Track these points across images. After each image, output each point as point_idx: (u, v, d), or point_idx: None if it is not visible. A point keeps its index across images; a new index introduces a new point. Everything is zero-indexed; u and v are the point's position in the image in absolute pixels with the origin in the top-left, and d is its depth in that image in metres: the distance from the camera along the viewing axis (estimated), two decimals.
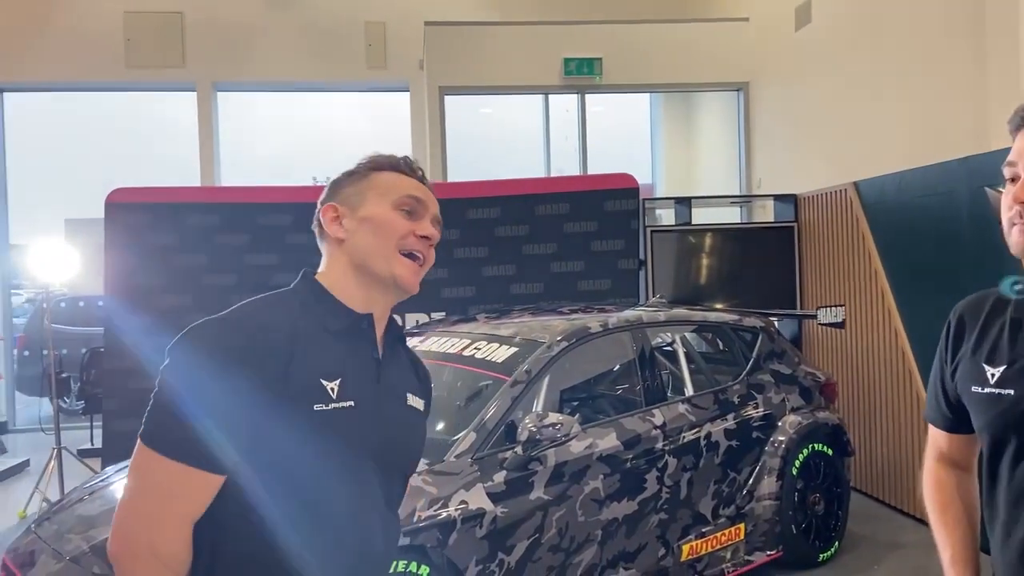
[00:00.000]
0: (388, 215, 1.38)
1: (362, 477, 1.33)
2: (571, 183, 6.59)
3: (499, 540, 3.21)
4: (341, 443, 1.28)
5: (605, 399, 4.21)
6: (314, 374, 1.27)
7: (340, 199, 1.42)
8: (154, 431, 1.20)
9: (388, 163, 1.44)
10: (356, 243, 1.38)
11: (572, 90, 8.86)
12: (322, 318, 1.34)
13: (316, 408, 1.25)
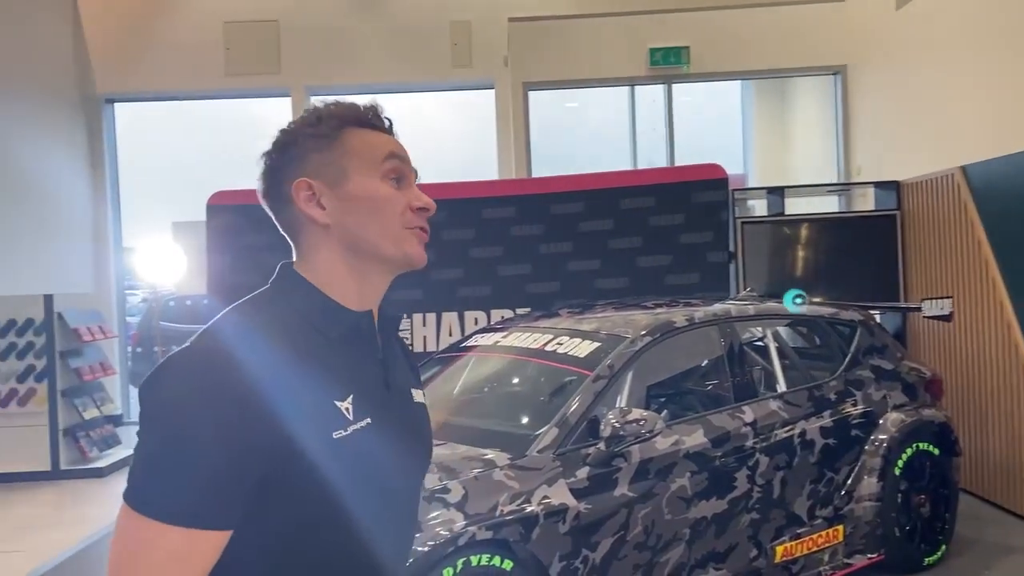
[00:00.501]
0: (381, 190, 1.17)
1: (390, 498, 1.17)
2: (657, 175, 6.47)
3: (583, 536, 3.17)
4: (366, 468, 1.11)
5: (691, 395, 4.10)
6: (326, 396, 1.08)
7: (311, 171, 1.17)
8: (145, 492, 0.98)
9: (355, 116, 1.20)
10: (350, 228, 1.16)
11: (658, 80, 8.71)
12: (320, 325, 1.13)
13: (336, 436, 1.07)
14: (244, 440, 0.98)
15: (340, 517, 1.07)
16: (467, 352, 4.27)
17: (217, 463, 0.97)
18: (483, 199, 6.18)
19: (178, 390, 1.00)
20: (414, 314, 6.05)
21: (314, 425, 1.05)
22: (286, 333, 1.09)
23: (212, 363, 1.02)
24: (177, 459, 0.97)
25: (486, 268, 6.09)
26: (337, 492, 1.05)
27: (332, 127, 1.18)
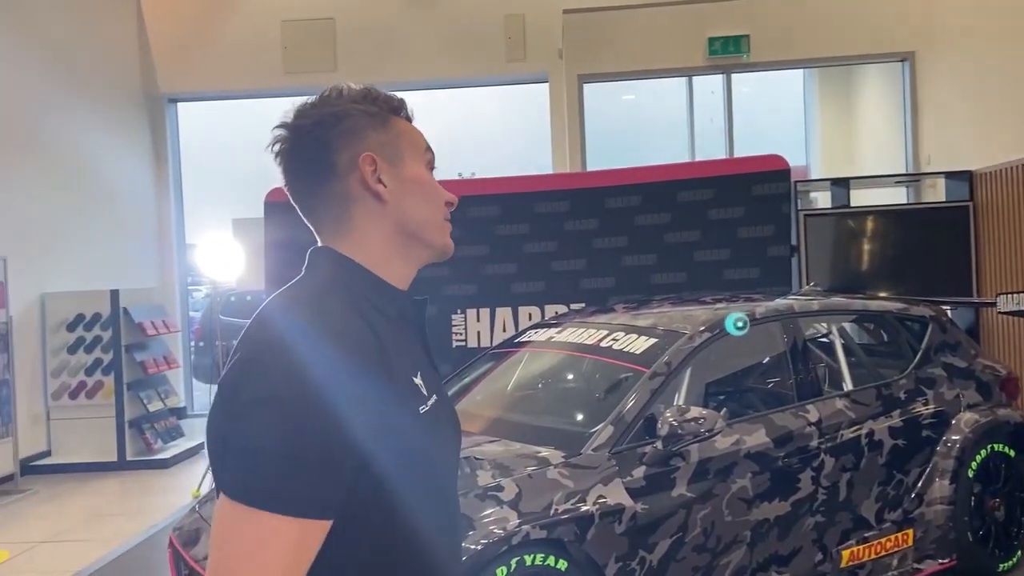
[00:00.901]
0: (430, 178, 1.21)
1: (452, 473, 1.20)
2: (715, 167, 6.31)
3: (640, 537, 3.09)
4: (442, 444, 1.14)
5: (753, 394, 3.98)
6: (406, 372, 1.08)
7: (372, 147, 1.15)
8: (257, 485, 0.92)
9: (395, 105, 1.21)
10: (405, 209, 1.16)
11: (717, 70, 8.52)
12: (379, 304, 1.12)
13: (421, 411, 1.07)
14: (347, 424, 0.95)
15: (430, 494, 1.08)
16: (521, 348, 4.22)
17: (326, 450, 0.93)
18: (536, 193, 6.11)
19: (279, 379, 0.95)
20: (467, 309, 6.02)
21: (406, 401, 1.05)
22: (358, 314, 1.06)
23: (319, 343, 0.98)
24: (287, 449, 0.92)
25: (540, 263, 6.03)
26: (429, 468, 1.07)
27: (383, 109, 1.19)
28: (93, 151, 8.41)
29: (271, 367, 0.97)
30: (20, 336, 7.08)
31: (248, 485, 0.93)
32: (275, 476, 0.92)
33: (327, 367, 0.96)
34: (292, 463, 0.92)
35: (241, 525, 0.92)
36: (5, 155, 7.17)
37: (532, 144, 9.61)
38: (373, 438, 0.98)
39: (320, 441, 0.94)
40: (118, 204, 8.90)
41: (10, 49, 7.34)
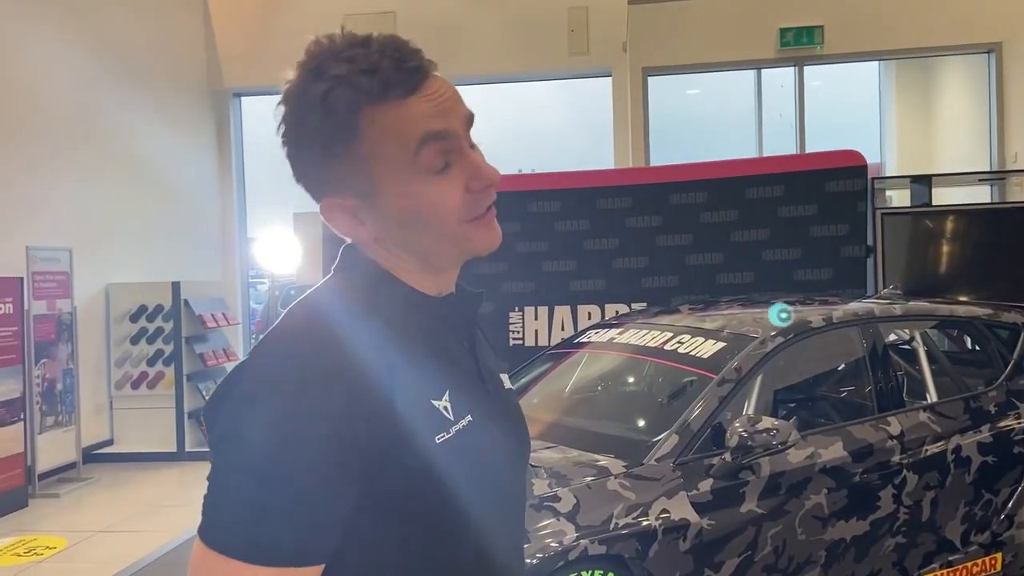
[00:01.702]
0: (423, 194, 0.92)
1: (500, 498, 1.01)
2: (786, 163, 6.03)
3: (706, 555, 2.89)
4: (475, 470, 0.95)
5: (829, 404, 3.73)
6: (421, 397, 0.92)
7: (336, 185, 0.94)
8: (224, 527, 0.82)
9: (369, 87, 0.89)
10: (400, 240, 0.96)
11: (788, 63, 8.19)
12: (402, 318, 0.96)
13: (439, 440, 0.91)
14: (336, 462, 0.83)
15: (450, 529, 0.92)
16: (580, 348, 4.05)
17: (309, 490, 0.82)
18: (598, 189, 5.93)
19: (263, 408, 0.83)
20: (525, 307, 5.88)
21: (415, 431, 0.89)
22: (368, 331, 0.91)
23: (302, 372, 0.85)
24: (262, 488, 0.81)
25: (600, 261, 5.85)
26: (446, 503, 0.91)
27: (344, 116, 0.90)
28: (158, 145, 8.52)
29: (241, 402, 0.86)
30: (85, 326, 7.19)
31: (214, 526, 0.83)
32: (241, 520, 0.81)
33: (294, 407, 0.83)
34: (258, 508, 0.81)
35: (204, 564, 0.83)
36: (73, 149, 7.29)
37: (594, 139, 9.40)
38: (368, 477, 0.86)
39: (291, 485, 0.81)
40: (182, 197, 9.01)
41: (78, 47, 7.46)
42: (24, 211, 6.63)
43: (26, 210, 6.66)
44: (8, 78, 6.53)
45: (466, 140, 0.95)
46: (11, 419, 5.91)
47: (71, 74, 7.33)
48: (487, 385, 1.03)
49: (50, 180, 6.97)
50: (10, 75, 6.56)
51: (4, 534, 5.31)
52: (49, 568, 4.71)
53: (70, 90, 7.30)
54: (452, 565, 0.94)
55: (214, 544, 0.82)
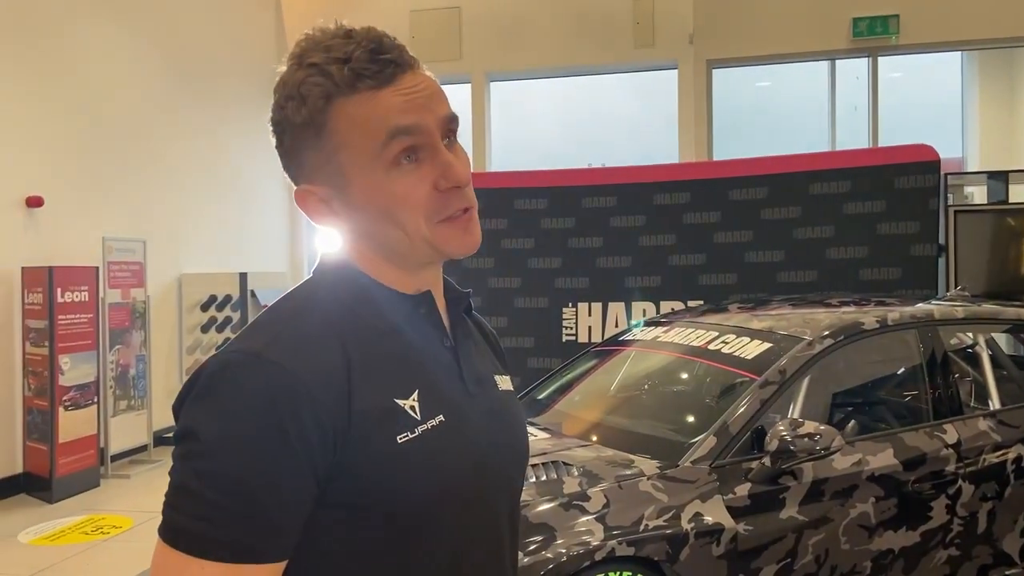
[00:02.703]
0: (388, 187, 0.92)
1: (478, 504, 0.98)
2: (853, 157, 5.83)
3: (741, 562, 2.82)
4: (443, 472, 0.93)
5: (880, 409, 3.59)
6: (383, 395, 0.90)
7: (310, 174, 0.95)
8: (177, 523, 0.83)
9: (340, 79, 0.90)
10: (371, 234, 0.96)
11: (862, 53, 7.90)
12: (370, 316, 0.95)
13: (400, 440, 0.89)
14: (295, 460, 0.84)
15: (415, 531, 0.91)
16: (624, 347, 4.00)
17: (258, 487, 0.83)
18: (655, 184, 5.85)
19: (217, 409, 0.84)
20: (579, 303, 5.85)
21: (374, 430, 0.88)
22: (332, 327, 0.91)
23: (255, 372, 0.85)
24: (214, 486, 0.82)
25: (656, 257, 5.77)
26: (410, 503, 0.89)
27: (317, 106, 0.91)
28: (229, 140, 8.78)
29: (195, 400, 0.87)
30: (158, 315, 7.48)
31: (170, 523, 0.84)
32: (196, 517, 0.82)
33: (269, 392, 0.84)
34: (212, 505, 0.82)
35: (162, 560, 0.84)
36: (148, 145, 7.57)
37: (659, 133, 9.27)
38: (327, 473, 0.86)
39: (240, 483, 0.82)
40: (251, 190, 9.27)
41: (153, 47, 7.75)
42: (101, 204, 6.93)
43: (103, 203, 6.96)
44: (87, 78, 6.83)
45: (440, 139, 0.94)
46: (86, 402, 6.19)
47: (146, 73, 7.62)
48: (468, 386, 1.01)
49: (126, 174, 7.27)
50: (89, 75, 6.86)
51: (76, 512, 5.58)
52: (112, 546, 4.92)
53: (145, 88, 7.59)
54: (421, 568, 0.92)
55: (172, 541, 0.83)
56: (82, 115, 6.76)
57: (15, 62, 6.12)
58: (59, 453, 5.87)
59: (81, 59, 6.77)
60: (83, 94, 6.78)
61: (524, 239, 5.96)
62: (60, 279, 5.94)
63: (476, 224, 0.97)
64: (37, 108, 6.31)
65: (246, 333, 0.92)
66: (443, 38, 9.54)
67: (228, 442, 0.83)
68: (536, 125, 10.11)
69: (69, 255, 6.39)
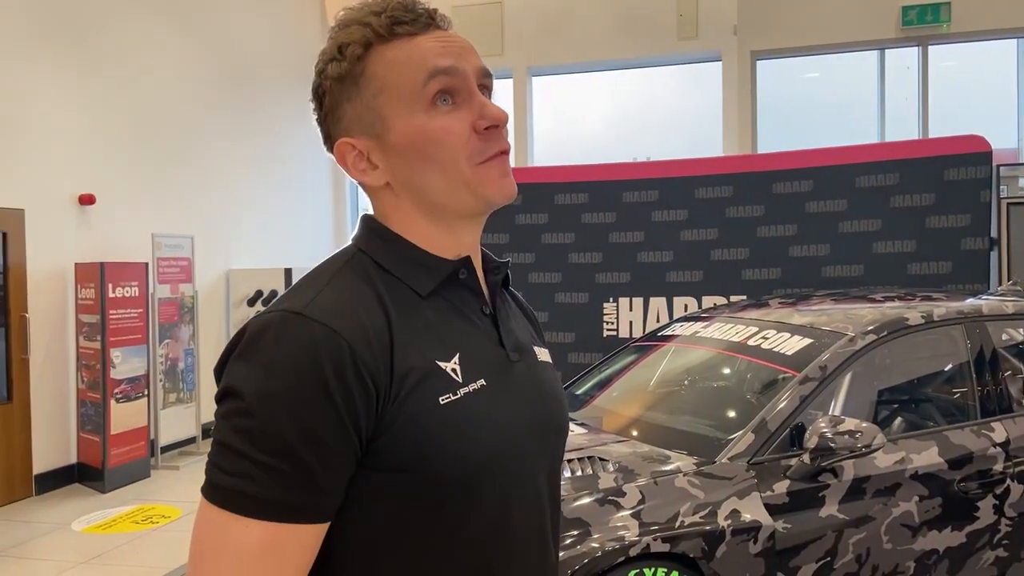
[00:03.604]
0: (429, 126, 0.93)
1: (519, 469, 0.97)
2: (901, 149, 5.69)
3: (779, 560, 2.79)
4: (486, 435, 0.93)
5: (925, 406, 3.51)
6: (425, 357, 0.91)
7: (349, 126, 0.97)
8: (220, 481, 0.84)
9: (378, 27, 0.94)
10: (412, 183, 0.96)
11: (912, 43, 7.72)
12: (411, 279, 0.96)
13: (443, 400, 0.90)
14: (339, 420, 0.83)
15: (457, 494, 0.90)
16: (663, 343, 3.97)
17: (307, 442, 0.83)
18: (697, 178, 5.79)
19: (259, 366, 0.84)
20: (620, 298, 5.82)
21: (416, 390, 0.88)
22: (372, 288, 0.93)
23: (297, 329, 0.85)
24: (257, 442, 0.82)
25: (698, 251, 5.72)
26: (451, 465, 0.89)
27: (355, 56, 0.94)
28: (274, 137, 8.92)
29: (237, 359, 0.87)
30: (206, 309, 7.64)
31: (213, 482, 0.84)
32: (238, 476, 0.82)
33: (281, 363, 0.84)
34: (253, 465, 0.82)
35: (205, 516, 0.85)
36: (195, 143, 7.74)
37: (703, 126, 9.16)
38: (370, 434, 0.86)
39: (281, 442, 0.82)
40: (296, 188, 9.41)
41: (200, 45, 7.91)
42: (151, 201, 7.11)
43: (153, 200, 7.13)
44: (136, 78, 7.00)
45: (476, 84, 0.96)
46: (136, 395, 6.36)
47: (194, 72, 7.78)
48: (508, 352, 1.01)
49: (175, 172, 7.43)
50: (138, 74, 7.03)
51: (127, 502, 5.74)
52: (161, 536, 5.05)
53: (193, 87, 7.75)
54: (462, 533, 0.92)
55: (214, 499, 0.83)
56: (132, 115, 6.93)
57: (67, 64, 6.31)
58: (111, 444, 6.05)
59: (130, 59, 6.94)
60: (133, 94, 6.95)
61: (565, 234, 5.95)
62: (111, 275, 6.11)
63: (510, 170, 0.98)
64: (89, 108, 6.49)
65: (288, 294, 0.92)
66: (484, 33, 9.55)
67: (269, 399, 0.83)
68: (579, 119, 10.07)
69: (120, 251, 6.57)
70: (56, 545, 4.92)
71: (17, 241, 5.84)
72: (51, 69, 6.14)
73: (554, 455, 1.07)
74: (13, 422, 5.78)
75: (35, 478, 5.92)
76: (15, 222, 5.83)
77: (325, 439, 0.83)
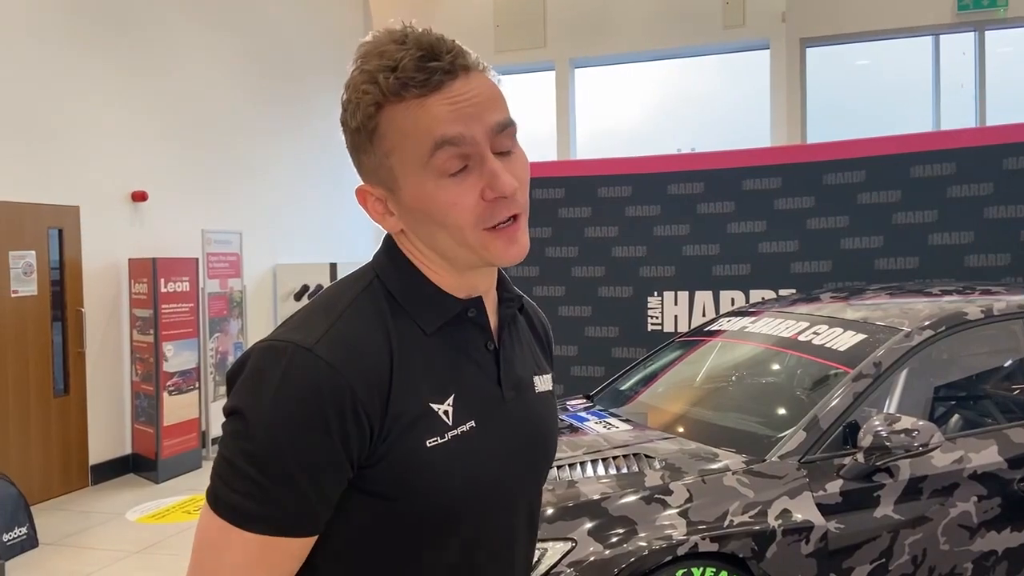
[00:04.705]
0: (436, 196, 0.92)
1: (497, 508, 1.02)
2: (957, 138, 5.51)
3: (832, 561, 2.73)
4: (465, 476, 0.96)
5: (984, 404, 3.39)
6: (420, 399, 0.94)
7: (367, 174, 0.99)
8: (219, 492, 0.89)
9: (388, 87, 0.91)
10: (423, 237, 0.98)
11: (968, 28, 7.47)
12: (418, 315, 0.98)
13: (429, 444, 0.93)
14: (332, 449, 0.89)
15: (434, 527, 0.96)
16: (711, 337, 3.91)
17: (304, 471, 0.88)
18: (744, 169, 5.68)
19: (266, 396, 0.88)
20: (664, 292, 5.75)
21: (407, 432, 0.92)
22: (381, 326, 0.95)
23: (305, 365, 0.89)
24: (258, 466, 0.88)
25: (745, 244, 5.61)
26: (430, 503, 0.95)
27: (368, 113, 0.93)
28: (319, 134, 9.00)
29: (247, 377, 0.92)
30: (254, 303, 7.77)
31: (214, 492, 0.91)
32: (237, 489, 0.88)
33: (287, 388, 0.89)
34: (252, 480, 0.88)
35: (206, 521, 0.91)
36: (242, 139, 7.85)
37: (748, 116, 9.00)
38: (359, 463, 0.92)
39: (280, 462, 0.88)
40: (340, 183, 9.48)
41: (247, 44, 8.01)
42: (200, 197, 7.23)
43: (202, 196, 7.25)
44: (186, 77, 7.12)
45: (487, 148, 0.93)
46: (188, 388, 6.49)
47: (242, 71, 7.88)
48: (504, 392, 1.03)
49: (224, 169, 7.55)
50: (188, 74, 7.15)
51: (179, 492, 5.86)
52: None
53: (241, 86, 7.85)
54: (434, 559, 0.97)
55: (216, 509, 0.90)
56: (182, 113, 7.06)
57: (119, 64, 6.44)
58: (164, 436, 6.18)
59: (179, 59, 7.06)
60: (182, 93, 7.07)
61: (608, 227, 5.89)
62: (163, 270, 6.24)
63: (524, 232, 0.97)
64: (140, 107, 6.62)
65: (300, 322, 0.95)
66: (527, 25, 9.51)
67: (273, 428, 0.87)
68: (621, 111, 9.97)
69: (171, 247, 6.70)
70: (111, 535, 5.05)
71: (73, 237, 5.99)
72: (103, 69, 6.28)
73: (534, 491, 1.12)
74: (70, 414, 5.94)
75: (91, 468, 6.08)
76: (71, 219, 5.98)
77: (322, 468, 0.89)
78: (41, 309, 5.76)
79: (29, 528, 4.79)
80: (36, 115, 5.72)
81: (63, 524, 5.23)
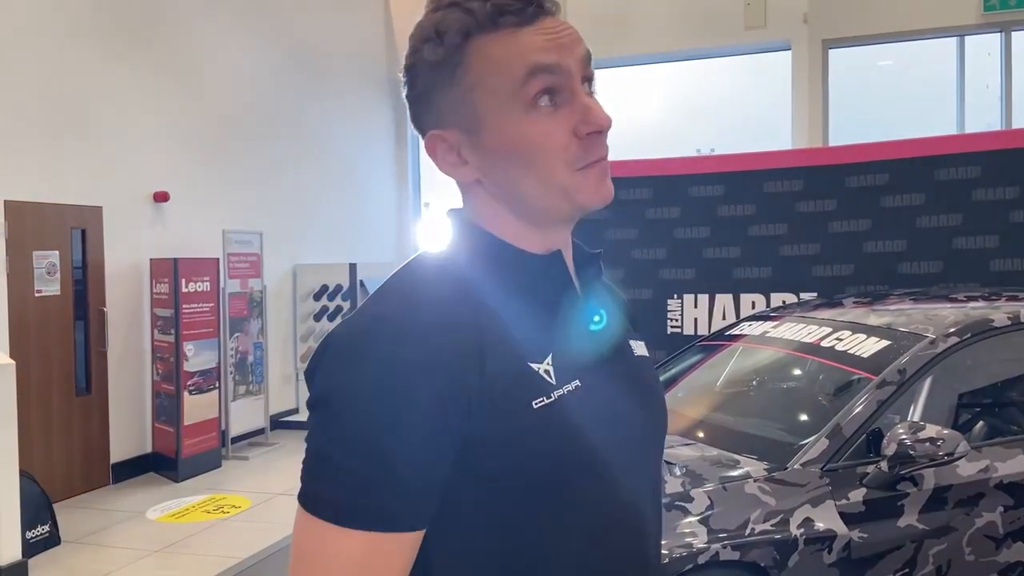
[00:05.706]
0: (527, 130, 0.87)
1: (619, 472, 0.92)
2: (982, 140, 5.45)
3: (854, 570, 2.69)
4: (582, 438, 0.88)
5: (1011, 412, 3.35)
6: (518, 359, 0.87)
7: (441, 117, 0.91)
8: (316, 490, 0.83)
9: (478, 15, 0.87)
10: (503, 184, 0.91)
11: (994, 28, 7.38)
12: (502, 277, 0.91)
13: (536, 405, 0.85)
14: (431, 424, 0.81)
15: (551, 500, 0.86)
16: (731, 342, 3.88)
17: (400, 450, 0.81)
18: (765, 171, 5.64)
19: (349, 373, 0.82)
20: (684, 294, 5.71)
21: (508, 394, 0.84)
22: (464, 291, 0.88)
23: (389, 338, 0.83)
24: (351, 451, 0.81)
25: (767, 247, 5.56)
26: (545, 471, 0.85)
27: (453, 44, 0.87)
28: (340, 135, 9.04)
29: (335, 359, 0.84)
30: (274, 303, 7.80)
31: (309, 491, 0.83)
32: (335, 485, 0.81)
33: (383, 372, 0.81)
34: (350, 472, 0.81)
35: (303, 526, 0.83)
36: (263, 140, 7.89)
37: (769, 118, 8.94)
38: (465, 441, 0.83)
39: (377, 450, 0.80)
40: (361, 183, 9.52)
41: (269, 46, 8.05)
42: (221, 198, 7.28)
43: (223, 197, 7.30)
44: (207, 78, 7.17)
45: (580, 82, 0.89)
46: (208, 387, 6.53)
47: (263, 72, 7.93)
48: (603, 350, 0.96)
49: (244, 170, 7.60)
50: (209, 75, 7.20)
51: (199, 492, 5.90)
52: (233, 525, 5.18)
53: (262, 87, 7.90)
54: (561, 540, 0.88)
55: (311, 509, 0.82)
56: (203, 115, 7.10)
57: (141, 65, 6.49)
58: (184, 435, 6.22)
59: (202, 60, 7.11)
60: (204, 94, 7.12)
61: (627, 229, 5.86)
62: (184, 270, 6.28)
63: (608, 173, 0.92)
64: (163, 109, 6.67)
65: (379, 298, 0.89)
66: None
67: (362, 408, 0.81)
68: (640, 112, 9.93)
69: (192, 247, 6.75)
70: (132, 533, 5.09)
71: (96, 237, 6.05)
72: (127, 70, 6.33)
73: (654, 454, 1.01)
74: (92, 413, 5.99)
75: (112, 467, 6.14)
76: (94, 219, 6.03)
77: (418, 446, 0.81)
78: (64, 309, 5.82)
79: (51, 526, 4.84)
80: (59, 117, 5.78)
81: (84, 522, 5.28)
